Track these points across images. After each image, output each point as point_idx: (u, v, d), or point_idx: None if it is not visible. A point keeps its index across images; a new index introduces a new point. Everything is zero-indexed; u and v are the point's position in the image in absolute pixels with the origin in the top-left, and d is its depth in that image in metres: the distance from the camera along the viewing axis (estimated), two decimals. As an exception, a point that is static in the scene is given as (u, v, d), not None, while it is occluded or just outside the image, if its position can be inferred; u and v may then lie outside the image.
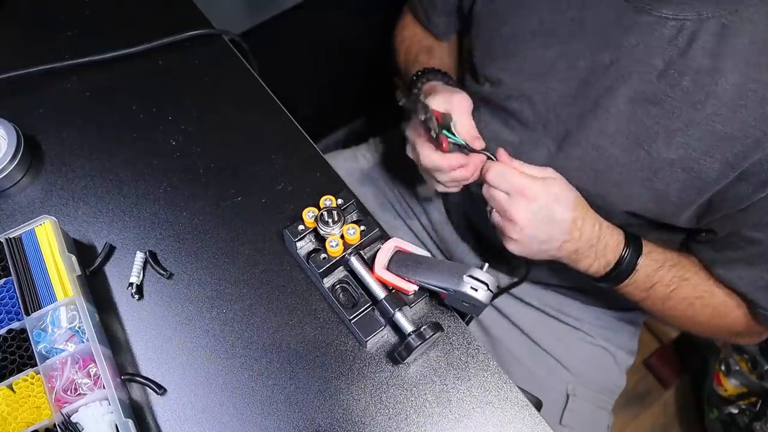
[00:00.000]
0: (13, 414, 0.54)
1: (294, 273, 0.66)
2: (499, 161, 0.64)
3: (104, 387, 0.55)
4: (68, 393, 0.56)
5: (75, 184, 0.71)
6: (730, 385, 1.36)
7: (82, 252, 0.67)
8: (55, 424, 0.54)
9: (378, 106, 1.83)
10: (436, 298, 0.64)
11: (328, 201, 0.62)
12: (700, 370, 1.46)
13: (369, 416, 0.58)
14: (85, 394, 0.55)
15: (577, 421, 0.87)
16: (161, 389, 0.59)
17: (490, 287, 0.55)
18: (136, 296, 0.64)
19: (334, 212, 0.61)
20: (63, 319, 0.59)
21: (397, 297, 0.60)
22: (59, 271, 0.60)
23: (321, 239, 0.62)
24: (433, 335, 0.57)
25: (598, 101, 0.65)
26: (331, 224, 0.60)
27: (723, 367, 1.36)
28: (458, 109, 0.66)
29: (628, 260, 0.66)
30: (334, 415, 0.58)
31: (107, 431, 0.54)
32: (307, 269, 0.64)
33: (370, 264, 0.61)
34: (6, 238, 0.62)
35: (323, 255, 0.61)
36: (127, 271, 0.65)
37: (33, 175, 0.72)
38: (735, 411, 1.32)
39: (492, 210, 0.66)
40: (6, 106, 0.76)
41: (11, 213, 0.69)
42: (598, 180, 0.68)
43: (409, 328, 0.58)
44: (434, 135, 0.63)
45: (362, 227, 0.61)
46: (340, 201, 0.63)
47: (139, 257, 0.66)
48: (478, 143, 0.66)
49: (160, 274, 0.65)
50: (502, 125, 0.77)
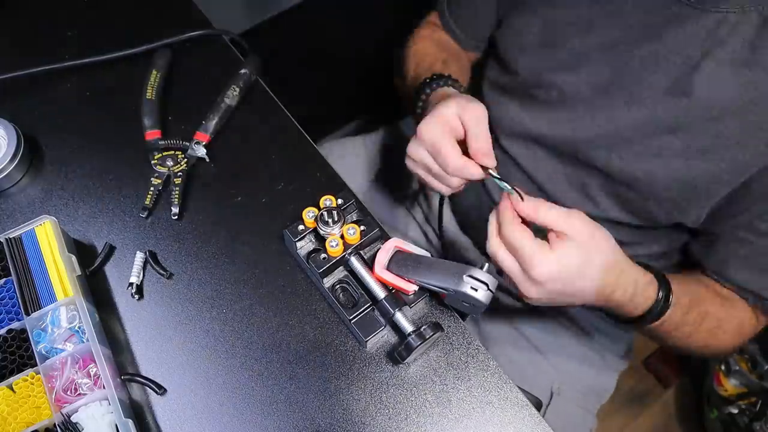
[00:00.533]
0: (13, 414, 0.54)
1: (294, 273, 0.66)
2: (524, 206, 0.55)
3: (104, 387, 0.55)
4: (68, 393, 0.56)
5: (75, 184, 0.71)
6: (730, 385, 1.36)
7: (82, 252, 0.67)
8: (55, 424, 0.54)
9: (378, 105, 1.83)
10: (436, 298, 0.63)
11: (328, 201, 0.62)
12: (700, 370, 1.46)
13: (369, 416, 0.58)
14: (85, 394, 0.55)
15: (557, 421, 0.86)
16: (161, 389, 0.59)
17: (490, 287, 0.55)
18: (136, 296, 0.64)
19: (334, 212, 0.61)
20: (63, 319, 0.59)
21: (397, 297, 0.60)
22: (59, 271, 0.60)
23: (321, 239, 0.62)
24: (433, 335, 0.57)
25: (632, 91, 0.65)
26: (331, 224, 0.60)
27: (723, 367, 1.36)
28: (474, 121, 0.60)
29: (657, 312, 0.61)
30: (334, 415, 0.58)
31: (107, 431, 0.54)
32: (307, 269, 0.64)
33: (370, 264, 0.61)
34: (6, 238, 0.62)
35: (323, 255, 0.61)
36: (127, 271, 0.65)
37: (33, 175, 0.72)
38: (735, 411, 1.32)
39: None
40: (6, 106, 0.76)
41: (11, 213, 0.69)
42: (624, 162, 0.67)
43: (409, 328, 0.58)
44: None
45: (362, 227, 0.61)
46: (340, 201, 0.63)
47: (139, 257, 0.66)
48: (490, 160, 0.60)
49: (160, 274, 0.65)
50: (527, 114, 0.76)
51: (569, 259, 0.53)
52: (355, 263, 0.61)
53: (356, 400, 0.59)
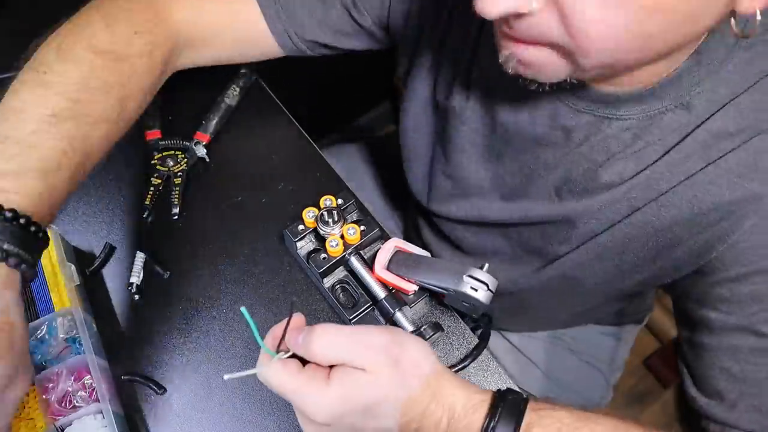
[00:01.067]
0: None
1: (294, 273, 0.66)
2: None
3: (99, 400, 0.54)
4: (63, 405, 0.55)
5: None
6: (730, 385, 1.36)
7: (82, 253, 0.67)
8: (49, 437, 0.53)
9: (378, 105, 1.83)
10: (436, 298, 0.63)
11: (328, 201, 0.62)
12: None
13: (369, 416, 0.58)
14: (79, 407, 0.55)
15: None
16: (161, 389, 0.59)
17: (490, 287, 0.55)
18: (137, 296, 0.64)
19: (334, 212, 0.61)
20: (60, 330, 0.58)
21: (397, 297, 0.60)
22: (57, 280, 0.60)
23: (321, 239, 0.62)
24: (433, 335, 0.57)
25: (542, 196, 0.59)
26: (331, 224, 0.60)
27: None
28: None
29: None
30: (334, 415, 0.58)
31: (101, 445, 0.54)
32: (307, 269, 0.64)
33: (370, 264, 0.61)
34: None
35: (323, 255, 0.61)
36: (127, 271, 0.65)
37: (33, 175, 0.72)
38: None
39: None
40: (6, 106, 0.76)
41: (11, 213, 0.69)
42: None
43: (409, 328, 0.58)
44: None
45: (362, 227, 0.61)
46: (340, 201, 0.63)
47: (140, 257, 0.66)
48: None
49: (161, 273, 0.65)
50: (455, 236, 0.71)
51: (353, 397, 0.41)
52: (355, 263, 0.61)
53: (356, 400, 0.59)
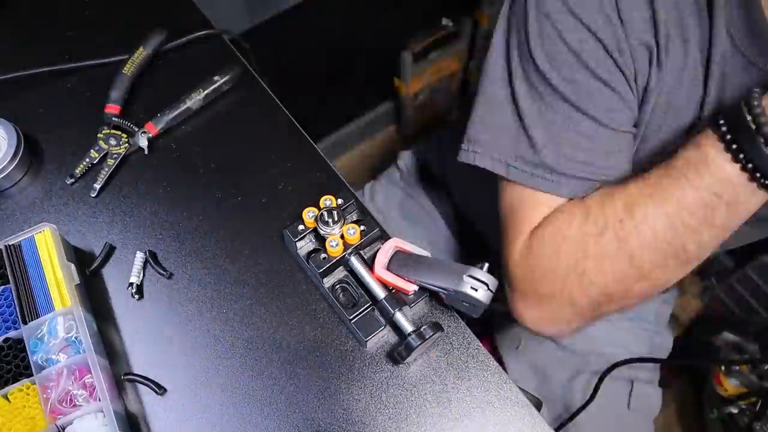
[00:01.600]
0: (8, 425, 0.54)
1: (294, 273, 0.66)
2: None
3: (100, 399, 0.54)
4: (63, 404, 0.55)
5: (75, 184, 0.71)
6: (730, 385, 1.36)
7: (82, 253, 0.67)
8: (49, 436, 0.53)
9: (378, 106, 1.83)
10: (436, 298, 0.64)
11: (328, 201, 0.62)
12: (700, 370, 1.46)
13: (369, 416, 0.58)
14: (80, 406, 0.55)
15: (644, 403, 0.87)
16: (161, 389, 0.59)
17: (490, 287, 0.55)
18: (136, 296, 0.64)
19: (334, 212, 0.61)
20: (60, 329, 0.58)
21: (397, 297, 0.60)
22: (58, 279, 0.59)
23: (321, 239, 0.62)
24: (433, 335, 0.57)
25: None
26: (331, 224, 0.60)
27: (723, 367, 1.36)
28: None
29: None
30: (334, 415, 0.58)
31: (102, 444, 0.54)
32: (307, 269, 0.64)
33: (370, 264, 0.61)
34: (5, 245, 0.61)
35: (323, 255, 0.61)
36: (127, 271, 0.65)
37: (33, 175, 0.72)
38: (735, 411, 1.32)
39: None
40: (6, 106, 0.76)
41: (11, 213, 0.69)
42: None
43: (409, 328, 0.58)
44: None
45: (362, 227, 0.61)
46: (340, 201, 0.63)
47: (139, 257, 0.66)
48: None
49: (160, 274, 0.65)
50: None
51: None
52: (355, 263, 0.61)
53: (356, 400, 0.59)
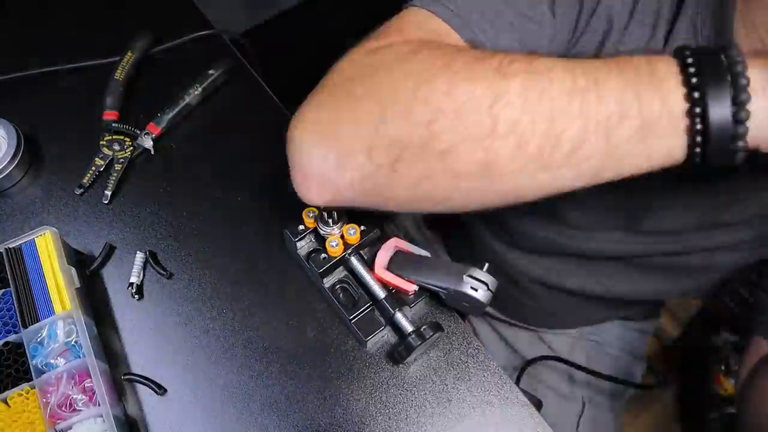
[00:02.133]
0: (7, 430, 0.54)
1: (294, 273, 0.66)
2: None
3: (99, 404, 0.54)
4: (63, 409, 0.55)
5: (75, 184, 0.71)
6: (730, 385, 1.36)
7: (82, 253, 0.67)
8: (49, 441, 0.53)
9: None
10: (436, 298, 0.63)
11: (328, 201, 0.62)
12: (700, 370, 1.46)
13: (369, 416, 0.58)
14: (80, 411, 0.54)
15: (590, 428, 0.88)
16: (161, 389, 0.59)
17: (490, 287, 0.55)
18: (136, 296, 0.64)
19: (334, 212, 0.61)
20: (60, 333, 0.57)
21: (397, 297, 0.60)
22: (58, 283, 0.59)
23: (321, 239, 0.62)
24: (433, 335, 0.56)
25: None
26: (331, 224, 0.60)
27: (723, 367, 1.36)
28: None
29: None
30: (334, 415, 0.58)
31: (102, 449, 0.53)
32: (307, 269, 0.64)
33: (370, 264, 0.61)
34: (6, 249, 0.61)
35: (323, 255, 0.61)
36: (127, 272, 0.65)
37: (33, 175, 0.72)
38: (735, 411, 1.32)
39: None
40: (6, 106, 0.76)
41: (11, 213, 0.69)
42: None
43: (409, 328, 0.58)
44: None
45: (362, 227, 0.61)
46: (340, 201, 0.63)
47: (139, 257, 0.66)
48: None
49: (160, 274, 0.65)
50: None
51: None
52: (355, 263, 0.61)
53: (356, 400, 0.59)
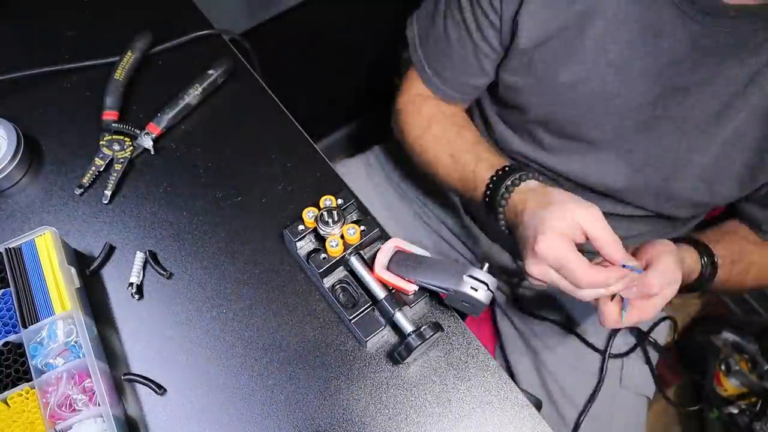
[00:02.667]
0: (7, 430, 0.54)
1: (294, 273, 0.66)
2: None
3: (99, 404, 0.54)
4: (63, 409, 0.55)
5: (75, 184, 0.71)
6: (730, 385, 1.36)
7: (82, 254, 0.67)
8: (48, 441, 0.53)
9: (378, 106, 1.83)
10: (436, 298, 0.64)
11: (328, 201, 0.62)
12: (700, 370, 1.46)
13: (369, 416, 0.58)
14: (80, 411, 0.54)
15: (632, 381, 0.89)
16: (161, 389, 0.59)
17: (490, 287, 0.55)
18: (136, 296, 0.64)
19: (334, 212, 0.61)
20: (60, 333, 0.57)
21: (397, 297, 0.60)
22: (58, 283, 0.59)
23: (321, 239, 0.62)
24: (433, 335, 0.57)
25: (680, 121, 0.66)
26: (331, 224, 0.60)
27: (723, 367, 1.36)
28: (596, 227, 0.58)
29: (707, 276, 0.71)
30: (334, 415, 0.58)
31: (101, 449, 0.53)
32: (307, 269, 0.64)
33: (370, 264, 0.61)
34: (6, 249, 0.61)
35: (323, 255, 0.61)
36: (127, 271, 0.65)
37: (33, 175, 0.72)
38: (735, 411, 1.32)
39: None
40: (6, 106, 0.76)
41: (11, 213, 0.69)
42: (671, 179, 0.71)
43: (409, 328, 0.58)
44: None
45: (362, 227, 0.61)
46: (340, 201, 0.63)
47: (139, 257, 0.66)
48: (632, 262, 0.60)
49: (160, 274, 0.65)
50: (548, 156, 0.78)
51: (671, 275, 0.61)
52: (355, 263, 0.61)
53: (356, 400, 0.59)
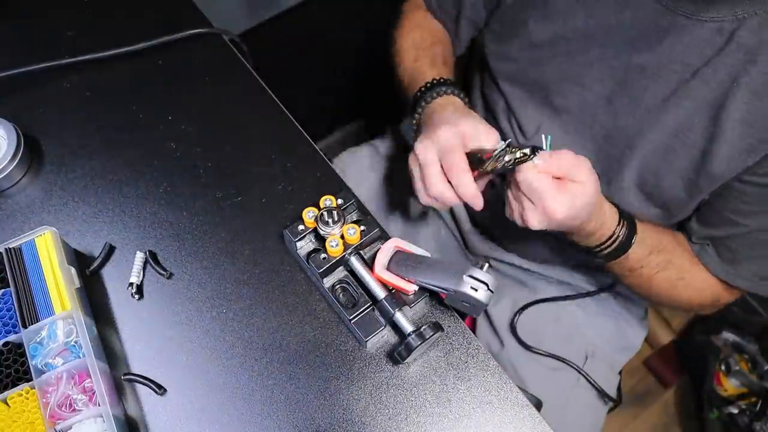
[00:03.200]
0: (7, 430, 0.54)
1: (294, 273, 0.66)
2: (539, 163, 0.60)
3: (99, 404, 0.54)
4: (63, 409, 0.55)
5: (75, 184, 0.71)
6: (730, 385, 1.36)
7: (82, 253, 0.67)
8: (49, 441, 0.53)
9: (378, 106, 1.83)
10: (436, 298, 0.64)
11: (328, 201, 0.62)
12: (700, 370, 1.46)
13: (369, 416, 0.58)
14: (80, 411, 0.54)
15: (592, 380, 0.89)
16: (161, 389, 0.59)
17: (490, 287, 0.55)
18: (136, 296, 0.64)
19: (334, 212, 0.61)
20: (60, 333, 0.57)
21: (397, 297, 0.60)
22: (58, 283, 0.59)
23: (321, 239, 0.62)
24: (433, 335, 0.57)
25: (634, 101, 0.67)
26: (331, 224, 0.60)
27: (723, 367, 1.37)
28: (471, 137, 0.63)
29: (622, 241, 0.68)
30: (334, 415, 0.58)
31: (101, 449, 0.53)
32: (307, 269, 0.64)
33: (370, 264, 0.61)
34: (6, 248, 0.61)
35: (323, 255, 0.61)
36: (127, 271, 0.65)
37: (33, 175, 0.72)
38: (735, 411, 1.32)
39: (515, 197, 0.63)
40: (6, 105, 0.76)
41: (11, 213, 0.69)
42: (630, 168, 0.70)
43: (409, 328, 0.58)
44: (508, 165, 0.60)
45: (362, 227, 0.61)
46: (340, 201, 0.63)
47: (139, 257, 0.66)
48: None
49: (160, 274, 0.65)
50: (539, 114, 0.79)
51: (577, 203, 0.59)
52: (355, 263, 0.61)
53: (356, 400, 0.59)
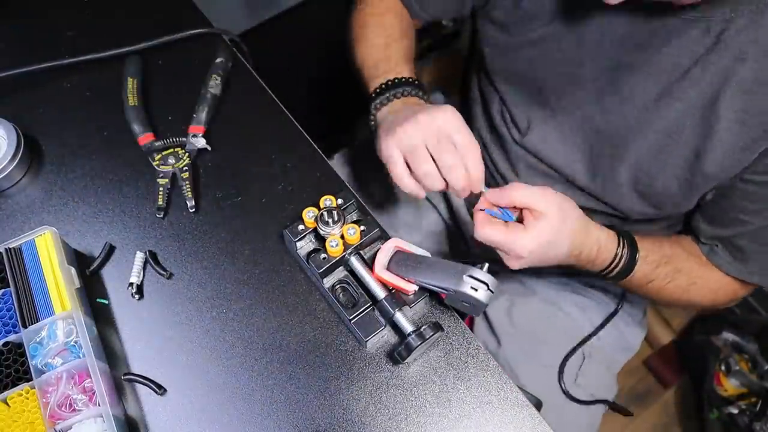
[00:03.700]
0: (7, 430, 0.54)
1: (294, 273, 0.66)
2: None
3: (99, 404, 0.54)
4: (63, 409, 0.55)
5: (75, 184, 0.71)
6: (730, 385, 1.36)
7: (82, 253, 0.67)
8: (48, 441, 0.53)
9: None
10: (436, 298, 0.64)
11: (328, 201, 0.62)
12: (700, 370, 1.46)
13: (369, 416, 0.58)
14: (80, 411, 0.54)
15: (589, 383, 0.89)
16: (161, 389, 0.59)
17: (490, 287, 0.55)
18: (137, 296, 0.64)
19: (334, 212, 0.61)
20: (60, 333, 0.57)
21: (397, 297, 0.60)
22: (58, 283, 0.59)
23: (321, 239, 0.62)
24: (433, 335, 0.57)
25: (624, 100, 0.68)
26: (331, 224, 0.60)
27: (723, 367, 1.36)
28: (453, 128, 0.62)
29: (626, 260, 0.68)
30: (334, 415, 0.58)
31: (101, 449, 0.53)
32: (307, 269, 0.64)
33: (370, 264, 0.61)
34: (6, 249, 0.61)
35: (323, 255, 0.61)
36: (127, 271, 0.65)
37: (33, 175, 0.72)
38: (735, 411, 1.32)
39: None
40: (6, 105, 0.76)
41: (11, 213, 0.69)
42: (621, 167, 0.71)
43: (409, 328, 0.58)
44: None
45: (362, 227, 0.61)
46: (340, 201, 0.63)
47: (139, 257, 0.66)
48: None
49: (160, 274, 0.65)
50: (527, 106, 0.79)
51: (543, 235, 0.60)
52: (355, 263, 0.61)
53: (356, 400, 0.59)
